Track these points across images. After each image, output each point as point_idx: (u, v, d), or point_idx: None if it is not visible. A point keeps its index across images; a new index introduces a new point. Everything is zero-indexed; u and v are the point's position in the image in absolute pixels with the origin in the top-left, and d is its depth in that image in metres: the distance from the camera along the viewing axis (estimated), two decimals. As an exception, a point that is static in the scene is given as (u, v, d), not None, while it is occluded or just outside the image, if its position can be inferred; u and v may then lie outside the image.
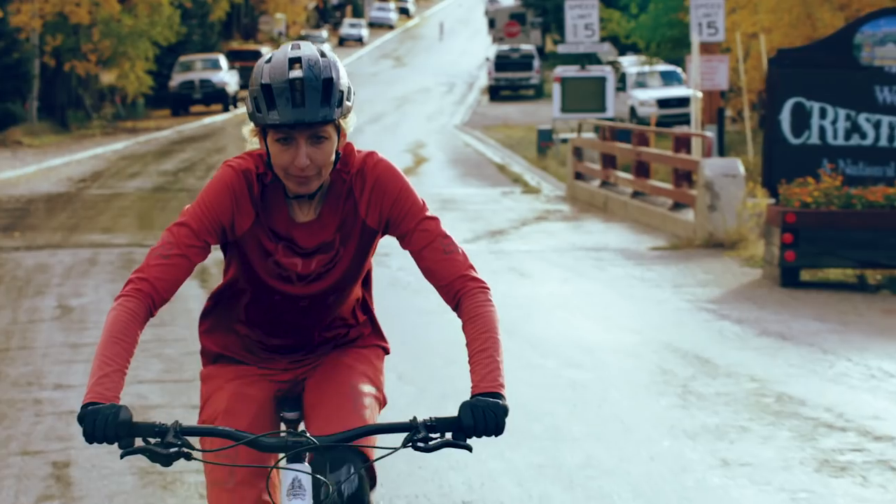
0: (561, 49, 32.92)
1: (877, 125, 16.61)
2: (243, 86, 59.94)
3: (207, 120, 53.27)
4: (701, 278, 16.11)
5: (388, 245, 5.59)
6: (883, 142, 16.53)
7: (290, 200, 4.16)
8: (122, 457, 3.72)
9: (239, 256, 4.22)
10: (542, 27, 75.10)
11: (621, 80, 45.69)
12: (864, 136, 16.62)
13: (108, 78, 52.20)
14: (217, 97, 56.01)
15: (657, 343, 12.10)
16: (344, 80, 3.97)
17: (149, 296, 3.97)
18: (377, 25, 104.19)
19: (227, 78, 56.56)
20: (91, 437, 3.68)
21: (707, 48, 28.62)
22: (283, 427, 4.36)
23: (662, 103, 43.43)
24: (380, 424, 3.94)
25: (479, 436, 3.80)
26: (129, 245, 20.12)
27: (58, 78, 47.41)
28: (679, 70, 45.13)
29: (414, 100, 62.40)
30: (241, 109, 58.19)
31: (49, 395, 10.47)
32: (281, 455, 3.95)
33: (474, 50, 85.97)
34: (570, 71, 32.42)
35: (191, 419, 6.05)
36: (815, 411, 9.44)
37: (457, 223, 22.31)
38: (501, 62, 63.26)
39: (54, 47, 46.04)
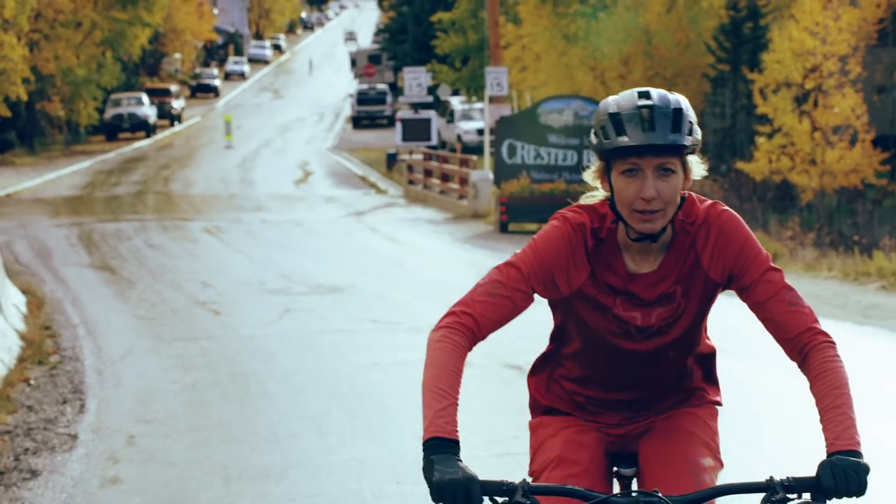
0: (402, 100, 43.05)
1: (549, 153, 30.47)
2: (160, 116, 67.19)
3: (136, 144, 59.42)
4: (462, 229, 30.40)
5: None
6: (552, 162, 30.58)
7: (627, 253, 3.83)
8: None
9: (571, 315, 3.92)
10: (394, 68, 79.14)
11: (451, 114, 54.32)
12: (542, 159, 30.38)
13: (54, 110, 56.31)
14: (141, 126, 62.19)
15: (431, 250, 26.34)
16: (692, 114, 3.64)
17: (472, 331, 3.75)
18: (256, 61, 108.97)
19: (149, 111, 62.66)
20: (439, 496, 3.47)
21: (497, 99, 38.31)
22: (616, 484, 4.13)
23: (480, 132, 50.26)
24: (734, 484, 3.61)
25: (839, 497, 3.48)
26: (155, 220, 31.00)
27: (29, 114, 53.66)
28: (494, 108, 56.06)
29: (293, 127, 67.70)
30: (160, 135, 64.23)
31: (175, 268, 23.44)
32: None
33: (339, 83, 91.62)
34: (408, 113, 43.63)
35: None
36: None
37: (337, 209, 34.13)
38: (362, 98, 70.02)
39: (28, 91, 48.75)
